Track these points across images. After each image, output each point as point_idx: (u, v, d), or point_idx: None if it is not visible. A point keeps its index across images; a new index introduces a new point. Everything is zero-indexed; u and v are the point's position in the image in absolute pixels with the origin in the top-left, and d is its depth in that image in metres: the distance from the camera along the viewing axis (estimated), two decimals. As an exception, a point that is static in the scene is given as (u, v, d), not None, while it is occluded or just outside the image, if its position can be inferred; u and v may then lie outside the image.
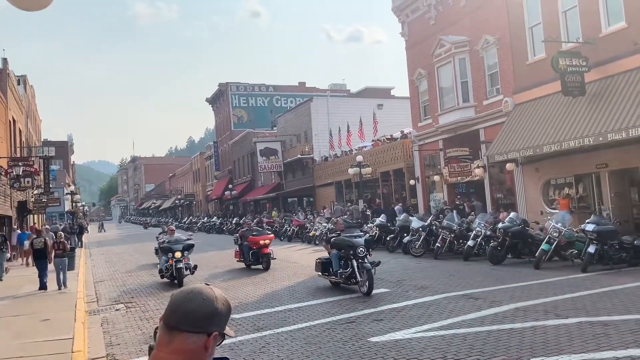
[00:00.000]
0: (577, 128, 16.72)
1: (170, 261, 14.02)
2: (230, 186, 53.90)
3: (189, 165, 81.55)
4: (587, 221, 13.05)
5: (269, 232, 18.31)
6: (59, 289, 13.93)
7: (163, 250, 14.57)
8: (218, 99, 65.87)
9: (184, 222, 55.80)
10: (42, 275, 14.09)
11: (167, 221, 57.05)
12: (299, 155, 41.45)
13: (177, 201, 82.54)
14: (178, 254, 13.92)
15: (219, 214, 52.74)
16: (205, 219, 49.78)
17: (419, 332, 7.66)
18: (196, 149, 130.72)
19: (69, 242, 25.79)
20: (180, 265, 13.81)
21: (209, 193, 66.91)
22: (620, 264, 12.43)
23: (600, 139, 15.63)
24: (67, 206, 54.87)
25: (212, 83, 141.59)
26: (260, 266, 16.42)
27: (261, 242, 16.47)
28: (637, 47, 15.64)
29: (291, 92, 62.35)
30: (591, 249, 12.24)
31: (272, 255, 16.52)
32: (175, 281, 13.88)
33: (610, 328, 7.13)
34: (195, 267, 14.59)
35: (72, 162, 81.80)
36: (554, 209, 18.55)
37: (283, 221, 32.31)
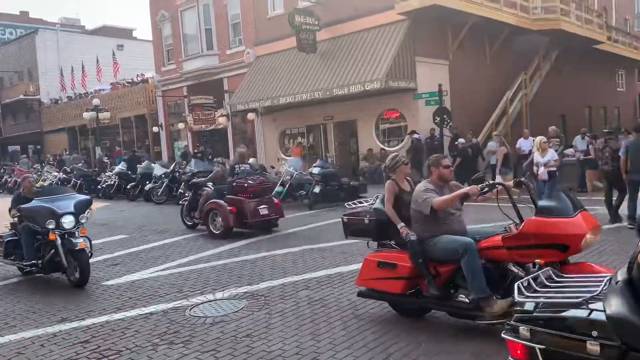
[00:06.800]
0: (310, 82, 18.37)
1: None
2: None
3: None
4: (313, 165, 14.65)
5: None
6: None
7: None
8: None
9: None
10: None
11: None
12: (22, 96, 36.18)
13: None
14: None
15: None
16: None
17: (157, 271, 7.65)
18: None
19: None
20: None
21: None
22: (339, 201, 14.34)
23: (327, 93, 17.54)
24: None
25: None
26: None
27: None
28: (358, 12, 17.76)
29: (11, 21, 53.16)
30: (317, 189, 13.81)
31: None
32: None
33: (326, 252, 8.24)
34: None
35: None
36: (289, 155, 20.25)
37: (2, 171, 28.00)
